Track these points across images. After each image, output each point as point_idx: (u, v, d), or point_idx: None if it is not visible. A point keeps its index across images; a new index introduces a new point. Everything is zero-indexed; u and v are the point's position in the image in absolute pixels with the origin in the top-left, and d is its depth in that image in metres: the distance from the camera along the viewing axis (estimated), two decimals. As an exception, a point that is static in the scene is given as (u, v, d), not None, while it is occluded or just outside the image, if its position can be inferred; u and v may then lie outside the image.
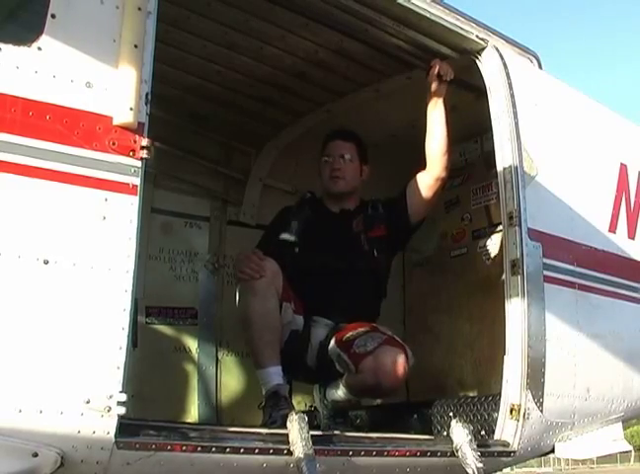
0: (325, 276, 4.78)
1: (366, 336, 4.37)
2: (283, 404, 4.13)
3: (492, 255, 5.61)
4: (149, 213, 5.31)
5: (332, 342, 4.52)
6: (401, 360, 4.22)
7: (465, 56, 4.78)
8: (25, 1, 3.25)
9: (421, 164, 4.84)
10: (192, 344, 5.56)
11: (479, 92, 4.84)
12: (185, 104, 5.40)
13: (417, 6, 4.42)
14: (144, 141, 3.03)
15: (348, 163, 5.01)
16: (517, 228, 4.34)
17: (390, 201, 5.04)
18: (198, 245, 5.69)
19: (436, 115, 4.73)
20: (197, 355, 5.53)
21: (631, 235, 5.33)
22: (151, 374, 5.05)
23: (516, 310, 4.29)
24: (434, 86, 4.64)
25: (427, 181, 4.85)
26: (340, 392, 4.54)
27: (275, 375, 4.25)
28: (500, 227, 4.72)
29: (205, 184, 5.72)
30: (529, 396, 4.25)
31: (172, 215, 5.63)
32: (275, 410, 4.07)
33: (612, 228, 5.17)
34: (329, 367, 4.50)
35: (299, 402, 5.75)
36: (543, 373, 4.33)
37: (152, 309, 5.38)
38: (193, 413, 5.42)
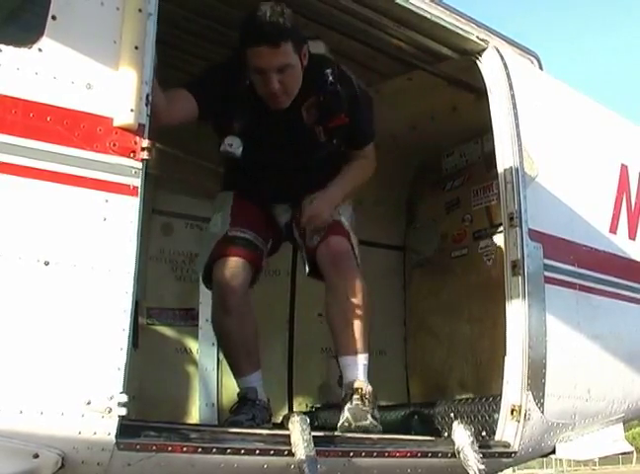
0: (281, 174, 4.37)
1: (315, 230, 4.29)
2: (244, 408, 4.11)
3: (493, 255, 5.60)
4: (150, 214, 5.32)
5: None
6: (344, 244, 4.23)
7: (466, 57, 4.79)
8: (25, 2, 3.26)
9: (421, 165, 4.85)
10: (192, 345, 5.56)
11: (479, 92, 4.86)
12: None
13: (417, 7, 4.44)
14: (145, 142, 3.03)
15: (288, 73, 4.00)
16: (517, 229, 4.34)
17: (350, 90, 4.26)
18: (198, 246, 5.68)
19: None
20: (197, 356, 5.52)
21: (632, 236, 5.33)
22: (152, 375, 5.06)
23: (516, 311, 4.29)
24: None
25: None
26: None
27: (248, 379, 4.22)
28: (501, 228, 4.70)
29: (206, 185, 5.72)
30: (530, 397, 4.25)
31: (173, 216, 5.65)
32: (237, 413, 4.10)
33: (613, 229, 5.17)
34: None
35: (300, 403, 5.77)
36: (544, 374, 4.33)
37: (153, 310, 5.40)
38: (193, 414, 5.42)
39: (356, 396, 4.04)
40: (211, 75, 4.16)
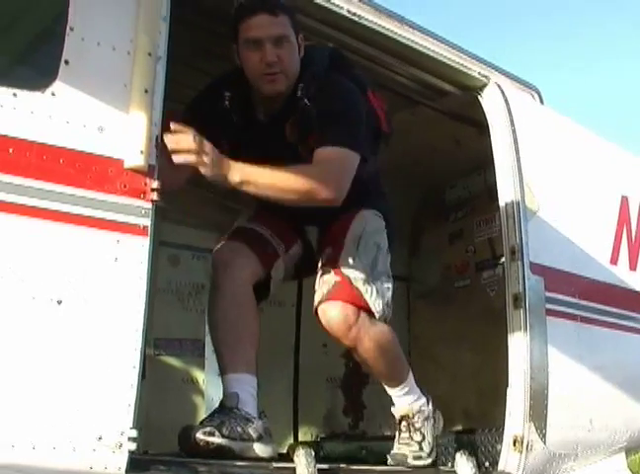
0: None
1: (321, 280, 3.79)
2: (213, 416, 3.49)
3: (495, 286, 5.65)
4: (157, 246, 5.38)
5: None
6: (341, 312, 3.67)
7: (468, 93, 4.87)
8: (39, 47, 3.32)
9: (425, 197, 4.90)
10: (199, 375, 5.60)
11: (482, 126, 4.91)
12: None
13: (419, 44, 4.52)
14: (155, 184, 3.09)
15: (285, 48, 3.67)
16: (519, 263, 4.40)
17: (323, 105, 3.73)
18: (205, 277, 5.73)
19: None
20: (204, 387, 5.57)
21: (633, 267, 5.38)
22: (159, 405, 5.09)
23: (518, 343, 4.34)
24: None
25: None
26: None
27: (230, 380, 3.61)
28: (503, 259, 4.76)
29: (213, 217, 5.78)
30: (532, 428, 4.29)
31: (179, 248, 5.71)
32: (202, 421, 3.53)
33: (614, 260, 5.22)
34: None
35: (305, 433, 5.81)
36: (546, 405, 4.37)
37: (160, 341, 5.45)
38: (201, 444, 5.44)
39: (403, 423, 4.04)
40: (191, 111, 3.91)
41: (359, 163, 3.69)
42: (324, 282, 3.74)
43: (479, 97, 4.82)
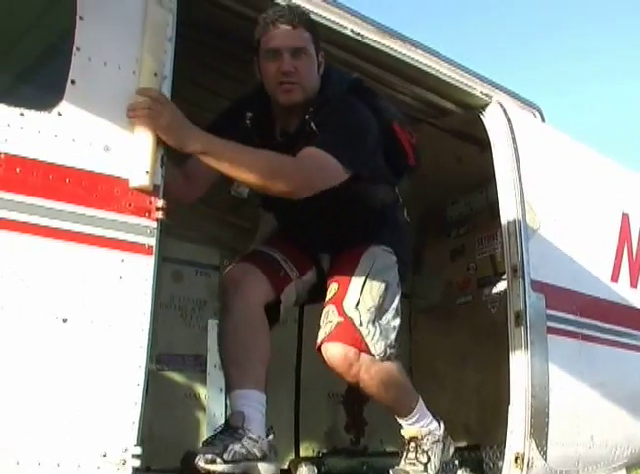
0: (293, 215, 3.96)
1: (325, 317, 3.77)
2: (218, 437, 3.44)
3: (497, 303, 5.67)
4: (160, 262, 5.39)
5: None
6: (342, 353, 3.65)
7: (470, 111, 4.92)
8: (46, 67, 3.35)
9: (427, 213, 4.92)
10: (201, 390, 5.60)
11: (484, 144, 4.96)
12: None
13: (423, 63, 4.57)
14: (160, 203, 3.11)
15: (303, 60, 3.65)
16: (520, 280, 4.44)
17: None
18: (207, 293, 5.76)
19: None
20: (206, 402, 5.56)
21: (634, 284, 5.42)
22: (161, 420, 5.10)
23: (519, 361, 4.37)
24: None
25: None
26: None
27: (237, 397, 3.58)
28: (505, 276, 4.79)
29: (215, 233, 5.81)
30: (533, 445, 4.32)
31: (182, 264, 5.72)
32: (205, 443, 3.52)
33: (615, 278, 5.26)
34: None
35: (307, 448, 5.82)
36: (547, 422, 4.40)
37: (163, 356, 5.45)
38: (202, 458, 5.45)
39: (412, 444, 4.00)
40: (215, 126, 3.79)
41: (352, 180, 3.61)
42: (328, 321, 3.73)
43: (481, 115, 4.87)
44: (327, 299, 3.83)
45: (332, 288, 3.85)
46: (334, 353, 3.65)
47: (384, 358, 3.73)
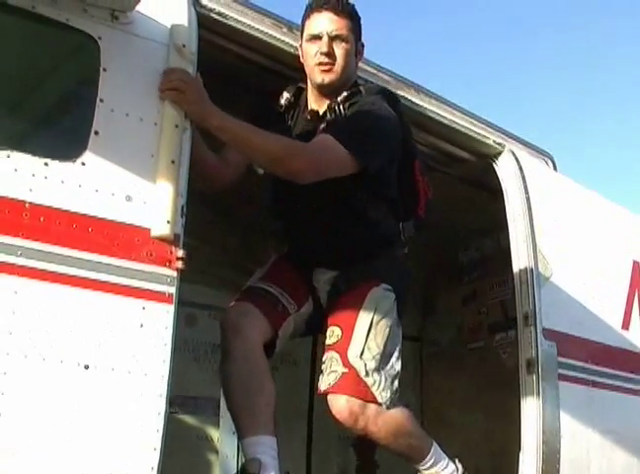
0: (297, 216, 4.05)
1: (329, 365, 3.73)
2: None
3: (508, 349, 5.69)
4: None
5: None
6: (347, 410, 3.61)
7: (483, 160, 4.97)
8: (70, 118, 3.41)
9: (438, 258, 4.95)
10: (214, 433, 5.63)
11: (496, 192, 5.00)
12: (208, 197, 5.55)
13: (436, 113, 4.64)
14: (180, 252, 3.18)
15: (341, 46, 3.85)
16: (532, 328, 4.47)
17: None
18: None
19: None
20: (218, 445, 5.60)
21: (644, 332, 5.44)
22: (174, 462, 5.10)
23: (531, 407, 4.40)
24: None
25: None
26: None
27: (250, 444, 3.58)
28: (516, 322, 4.82)
29: (230, 276, 5.84)
30: (545, 492, 4.33)
31: (197, 307, 5.75)
32: None
33: (625, 325, 5.28)
34: None
35: None
36: (558, 469, 4.42)
37: (176, 399, 5.47)
38: (215, 502, 5.48)
39: None
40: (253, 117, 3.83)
41: (359, 188, 3.82)
42: (332, 370, 3.69)
43: (494, 164, 4.93)
44: (329, 343, 3.81)
45: (334, 332, 3.82)
46: (340, 408, 3.62)
47: (391, 406, 3.72)
